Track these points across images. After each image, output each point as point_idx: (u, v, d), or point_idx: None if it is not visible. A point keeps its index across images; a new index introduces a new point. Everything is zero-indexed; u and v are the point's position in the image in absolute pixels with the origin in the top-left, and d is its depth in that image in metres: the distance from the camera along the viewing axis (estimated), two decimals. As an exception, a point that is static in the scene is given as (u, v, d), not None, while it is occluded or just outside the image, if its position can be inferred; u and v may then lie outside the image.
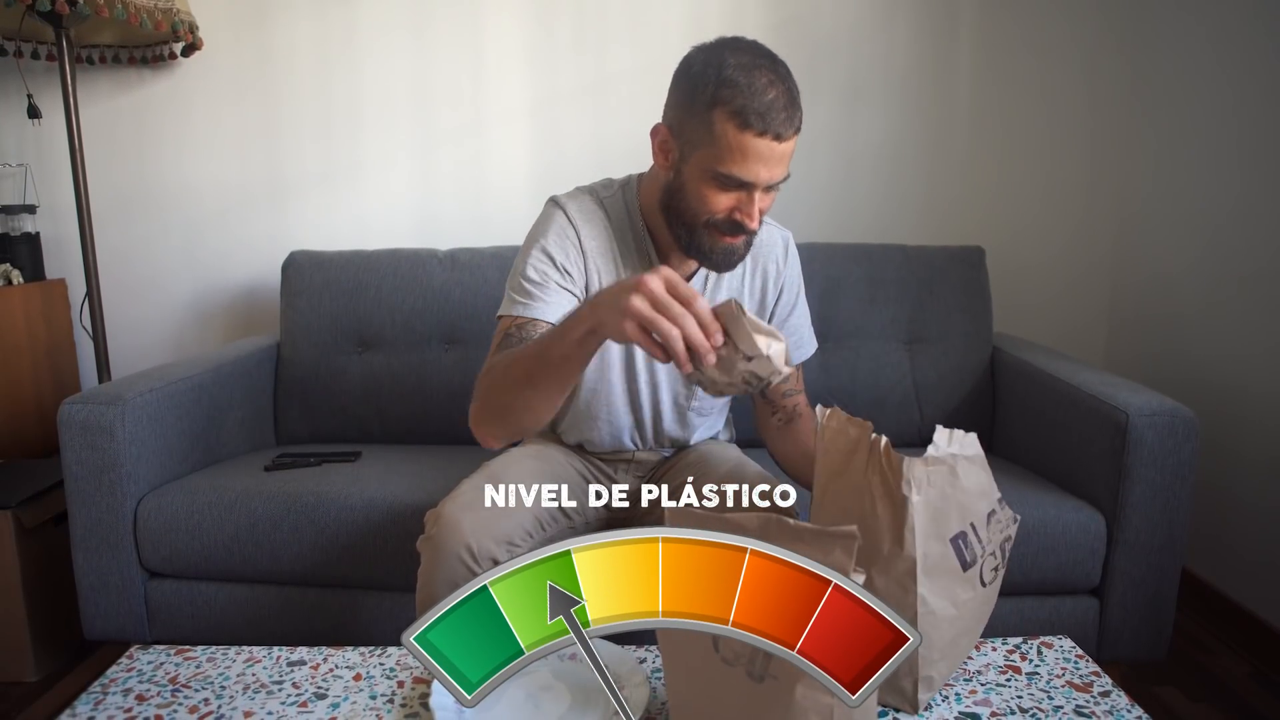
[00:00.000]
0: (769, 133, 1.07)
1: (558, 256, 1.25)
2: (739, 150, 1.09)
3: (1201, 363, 2.00)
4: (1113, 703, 0.93)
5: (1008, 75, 2.26)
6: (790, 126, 1.09)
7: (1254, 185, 1.85)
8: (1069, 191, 2.31)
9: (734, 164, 1.10)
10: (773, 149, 1.09)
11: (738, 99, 1.07)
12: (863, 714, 0.74)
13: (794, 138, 1.10)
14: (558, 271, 1.24)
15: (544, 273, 1.24)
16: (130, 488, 1.57)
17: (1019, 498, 1.54)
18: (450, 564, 1.15)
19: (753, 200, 1.13)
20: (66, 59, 1.94)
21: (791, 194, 2.29)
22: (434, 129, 2.28)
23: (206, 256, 2.34)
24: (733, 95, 1.07)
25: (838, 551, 0.73)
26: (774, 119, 1.07)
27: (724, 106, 1.08)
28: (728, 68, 1.08)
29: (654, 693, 0.93)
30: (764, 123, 1.07)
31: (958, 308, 2.00)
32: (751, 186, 1.12)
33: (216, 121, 2.27)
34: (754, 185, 1.12)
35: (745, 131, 1.07)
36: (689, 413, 1.40)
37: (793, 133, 1.09)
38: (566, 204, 1.29)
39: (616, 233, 1.29)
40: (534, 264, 1.24)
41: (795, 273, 1.42)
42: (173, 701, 0.94)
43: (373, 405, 2.02)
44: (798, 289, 1.42)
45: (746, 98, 1.07)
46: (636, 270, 1.28)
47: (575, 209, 1.29)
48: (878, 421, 2.08)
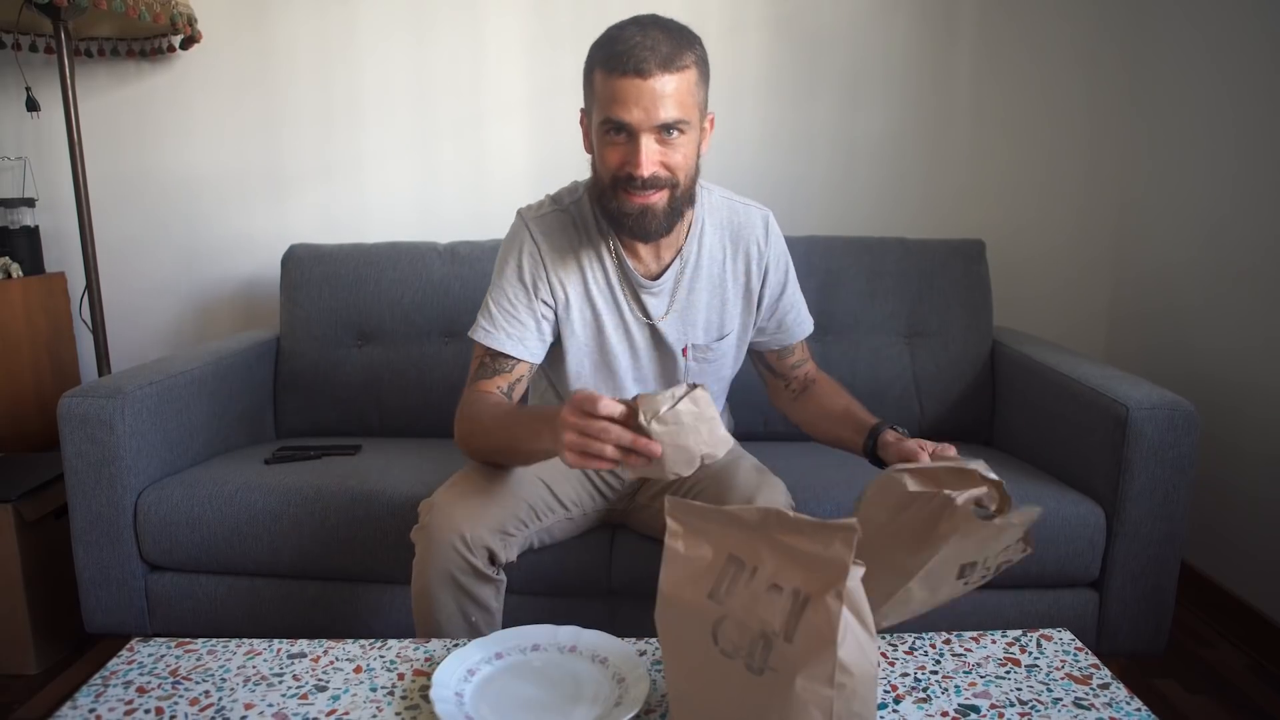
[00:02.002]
0: (630, 70, 1.10)
1: (525, 279, 1.29)
2: (610, 95, 1.13)
3: (1202, 357, 2.00)
4: (1112, 695, 0.93)
5: (1008, 68, 2.25)
6: (653, 63, 1.10)
7: (1254, 179, 1.84)
8: (1069, 184, 2.31)
9: (609, 108, 1.14)
10: (639, 86, 1.11)
11: (604, 50, 1.14)
12: (863, 704, 0.74)
13: (665, 76, 1.11)
14: (526, 294, 1.29)
15: (512, 299, 1.29)
16: (130, 481, 1.57)
17: (1019, 491, 1.54)
18: (444, 552, 1.16)
19: (638, 146, 1.14)
20: (65, 52, 1.94)
21: (791, 186, 2.30)
22: (434, 122, 2.28)
23: (206, 250, 2.33)
24: (601, 50, 1.15)
25: (837, 544, 0.73)
26: (635, 56, 1.10)
27: (598, 65, 1.15)
28: (603, 34, 1.16)
29: (654, 685, 0.93)
30: (625, 62, 1.11)
31: (958, 301, 2.00)
32: (632, 129, 1.14)
33: (216, 115, 2.27)
34: (633, 127, 1.13)
35: (612, 75, 1.12)
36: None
37: (658, 70, 1.10)
38: (530, 220, 1.32)
39: (581, 238, 1.31)
40: (504, 289, 1.30)
41: (780, 251, 1.40)
42: (173, 694, 0.94)
43: (373, 398, 2.02)
44: (785, 267, 1.41)
45: (612, 47, 1.13)
46: (602, 274, 1.31)
47: (538, 225, 1.31)
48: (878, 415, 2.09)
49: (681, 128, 1.15)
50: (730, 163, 2.28)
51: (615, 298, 1.32)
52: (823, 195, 2.31)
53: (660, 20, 1.15)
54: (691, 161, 1.21)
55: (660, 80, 1.11)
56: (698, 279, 1.33)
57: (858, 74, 2.26)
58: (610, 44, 1.14)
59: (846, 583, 0.72)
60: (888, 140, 2.29)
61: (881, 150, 2.29)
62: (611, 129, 1.16)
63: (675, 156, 1.17)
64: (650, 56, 1.10)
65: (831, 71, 2.25)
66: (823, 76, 2.25)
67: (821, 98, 2.26)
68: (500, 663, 0.99)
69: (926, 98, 2.27)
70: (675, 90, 1.12)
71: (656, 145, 1.15)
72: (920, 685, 0.95)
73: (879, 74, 2.26)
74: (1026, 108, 2.27)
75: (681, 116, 1.14)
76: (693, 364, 1.36)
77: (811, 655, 0.72)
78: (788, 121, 2.28)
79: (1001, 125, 2.28)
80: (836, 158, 2.29)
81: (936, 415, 1.97)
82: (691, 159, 1.21)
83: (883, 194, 2.31)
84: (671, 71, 1.11)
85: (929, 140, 2.29)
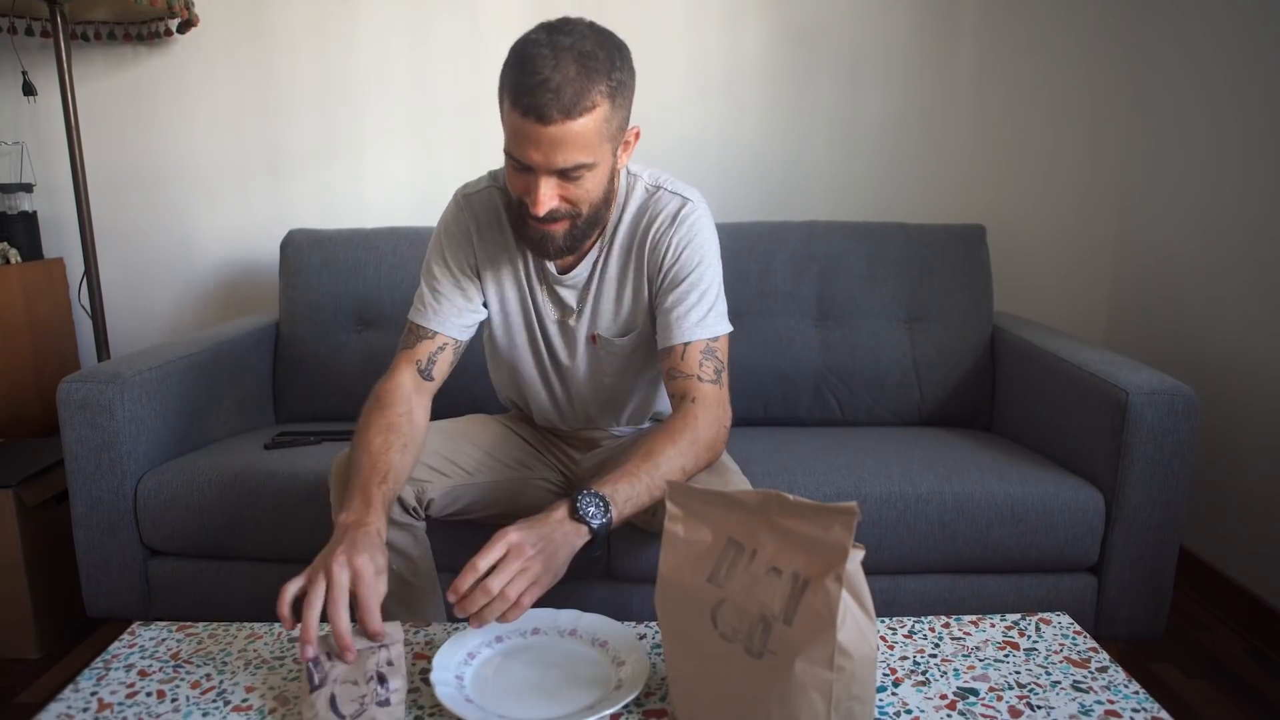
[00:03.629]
0: (531, 115, 1.03)
1: (450, 257, 1.29)
2: (512, 129, 1.08)
3: (1202, 344, 2.00)
4: (1110, 678, 0.93)
5: (1010, 53, 2.24)
6: (554, 109, 1.03)
7: (1257, 167, 1.84)
8: (1071, 170, 2.30)
9: (511, 143, 1.09)
10: (539, 132, 1.04)
11: (512, 75, 1.06)
12: (862, 686, 0.74)
13: (568, 122, 1.04)
14: (450, 272, 1.29)
15: (438, 275, 1.29)
16: (130, 466, 1.57)
17: (1018, 476, 1.55)
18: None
19: (537, 184, 1.09)
20: (61, 36, 1.92)
21: (792, 172, 2.29)
22: (433, 106, 2.27)
23: (205, 235, 2.33)
24: (510, 73, 1.07)
25: (837, 527, 0.73)
26: (537, 100, 1.03)
27: (506, 89, 1.08)
28: (516, 47, 1.08)
29: (654, 668, 0.93)
30: (527, 104, 1.03)
31: (958, 286, 2.00)
32: (531, 169, 1.09)
33: (214, 99, 2.26)
34: (533, 167, 1.08)
35: (514, 110, 1.06)
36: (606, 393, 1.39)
37: (560, 116, 1.03)
38: (464, 196, 1.31)
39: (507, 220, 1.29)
40: (431, 264, 1.31)
41: (685, 239, 1.25)
42: (175, 677, 0.94)
43: (372, 383, 2.00)
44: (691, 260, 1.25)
45: (519, 76, 1.05)
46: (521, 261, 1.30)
47: (471, 202, 1.30)
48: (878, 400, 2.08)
49: (583, 170, 1.10)
50: (730, 148, 2.28)
51: (531, 286, 1.32)
52: (823, 180, 2.30)
53: (578, 42, 1.06)
54: (599, 190, 1.15)
55: (560, 127, 1.04)
56: (606, 275, 1.29)
57: (858, 58, 2.25)
58: (519, 69, 1.05)
59: (846, 566, 0.73)
60: (888, 125, 2.28)
61: (882, 135, 2.28)
62: (513, 159, 1.11)
63: (577, 192, 1.12)
64: (553, 102, 1.02)
65: (832, 56, 2.24)
66: (823, 61, 2.24)
67: (822, 82, 2.25)
68: (500, 646, 0.99)
69: (927, 82, 2.26)
70: (579, 135, 1.06)
71: (556, 183, 1.10)
72: (919, 668, 0.95)
73: (880, 58, 2.25)
74: (1028, 93, 2.26)
75: (583, 160, 1.08)
76: (602, 353, 1.34)
77: (811, 638, 0.73)
78: (788, 106, 2.27)
79: (1003, 110, 2.27)
80: (837, 143, 2.28)
81: (936, 400, 1.97)
82: (598, 188, 1.15)
83: (883, 179, 2.30)
84: (575, 117, 1.04)
85: (930, 125, 2.28)
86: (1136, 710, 0.87)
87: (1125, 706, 0.88)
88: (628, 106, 1.15)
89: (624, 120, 1.15)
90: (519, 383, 1.42)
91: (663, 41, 2.23)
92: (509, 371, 1.41)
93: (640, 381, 1.40)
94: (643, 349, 1.34)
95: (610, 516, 1.04)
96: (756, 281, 1.98)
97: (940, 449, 1.69)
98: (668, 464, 1.12)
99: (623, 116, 1.14)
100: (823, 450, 1.67)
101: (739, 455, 1.42)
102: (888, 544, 1.51)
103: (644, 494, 1.08)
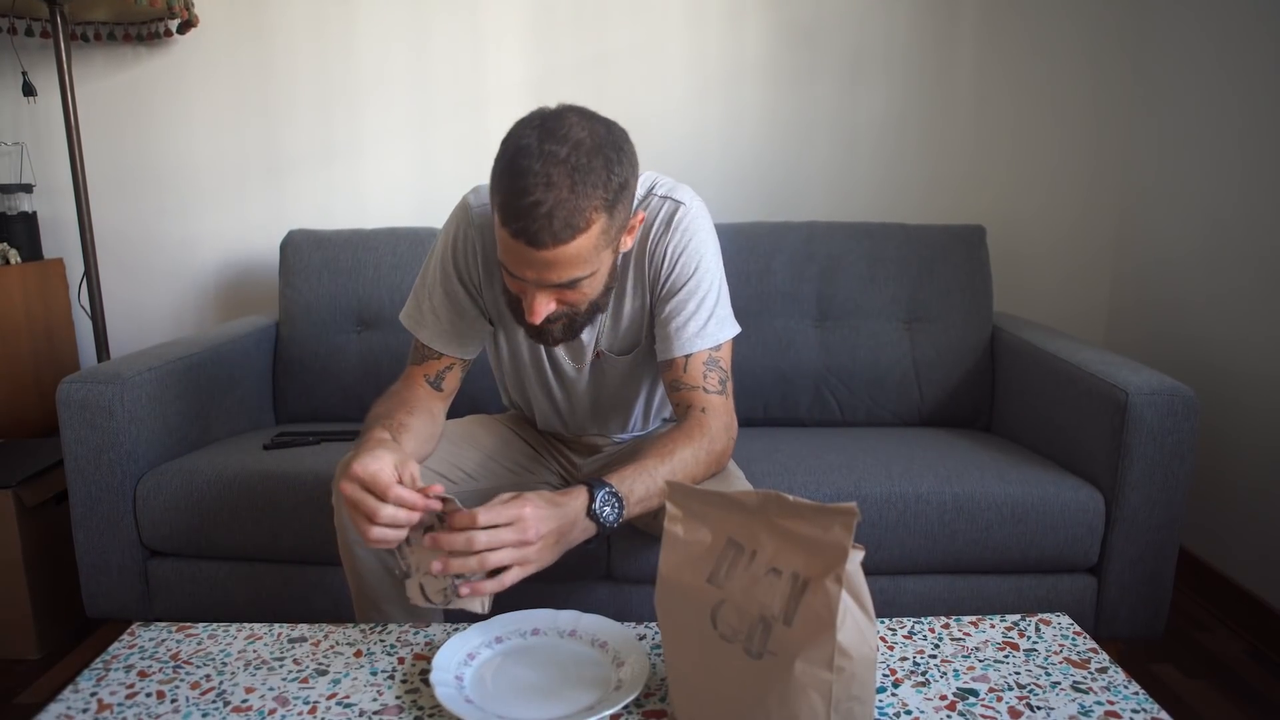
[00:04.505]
0: (521, 238, 0.99)
1: (455, 278, 1.26)
2: (503, 245, 1.04)
3: (1202, 345, 2.00)
4: (1110, 679, 0.93)
5: (1010, 53, 2.24)
6: (546, 235, 0.98)
7: (1258, 168, 1.83)
8: (1071, 171, 2.30)
9: (503, 256, 1.05)
10: (531, 255, 1.00)
11: (500, 186, 1.01)
12: (862, 687, 0.74)
13: (560, 247, 1.00)
14: (454, 295, 1.26)
15: (441, 296, 1.26)
16: (130, 466, 1.57)
17: (1018, 476, 1.54)
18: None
19: (532, 297, 1.06)
20: (61, 36, 1.92)
21: (792, 172, 2.29)
22: (432, 107, 2.27)
23: (204, 235, 2.33)
24: (499, 183, 1.02)
25: (837, 527, 0.73)
26: (528, 224, 0.98)
27: (495, 199, 1.03)
28: (506, 149, 1.01)
29: (653, 669, 0.93)
30: (516, 227, 0.99)
31: (958, 287, 2.00)
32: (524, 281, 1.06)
33: (214, 99, 2.26)
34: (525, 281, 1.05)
35: (504, 227, 1.01)
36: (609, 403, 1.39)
37: (552, 242, 0.99)
38: (474, 208, 1.25)
39: None
40: (435, 279, 1.27)
41: (681, 245, 1.21)
42: (174, 678, 0.94)
43: (372, 384, 2.01)
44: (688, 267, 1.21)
45: (507, 195, 0.99)
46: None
47: (480, 220, 1.25)
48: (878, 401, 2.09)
49: (581, 281, 1.06)
50: (729, 148, 2.28)
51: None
52: (823, 181, 2.30)
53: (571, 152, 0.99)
54: (598, 290, 1.12)
55: (553, 251, 1.00)
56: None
57: (859, 58, 2.25)
58: (509, 182, 0.99)
59: (846, 566, 0.72)
60: (889, 125, 2.28)
61: (882, 135, 2.28)
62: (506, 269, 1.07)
63: (575, 296, 1.09)
64: (544, 229, 0.97)
65: (832, 56, 2.24)
66: (823, 61, 2.24)
67: (822, 82, 2.25)
68: (500, 646, 0.99)
69: (928, 83, 2.26)
70: (574, 255, 1.01)
71: (553, 293, 1.07)
72: (919, 669, 0.95)
73: (880, 59, 2.25)
74: (1029, 93, 2.26)
75: (580, 275, 1.05)
76: (606, 366, 1.33)
77: (811, 639, 0.73)
78: (788, 106, 2.27)
79: (1003, 111, 2.27)
80: (837, 143, 2.28)
81: (936, 401, 1.97)
82: (598, 289, 1.11)
83: (883, 179, 2.30)
84: (568, 241, 0.99)
85: (930, 125, 2.28)
86: (1136, 711, 0.87)
87: (1125, 707, 0.88)
88: (629, 203, 1.10)
89: (625, 220, 1.09)
90: (523, 391, 1.42)
91: (662, 41, 2.23)
92: (513, 378, 1.41)
93: (643, 391, 1.39)
94: (646, 360, 1.33)
95: (621, 517, 1.04)
96: (756, 282, 1.98)
97: (940, 449, 1.69)
98: (683, 468, 1.11)
99: (623, 218, 1.09)
100: (822, 451, 1.66)
101: (738, 456, 1.42)
102: (887, 544, 1.51)
103: (656, 497, 1.08)
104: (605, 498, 1.03)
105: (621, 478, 1.06)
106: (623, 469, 1.07)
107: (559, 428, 1.45)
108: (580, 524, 1.01)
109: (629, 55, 2.22)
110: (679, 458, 1.11)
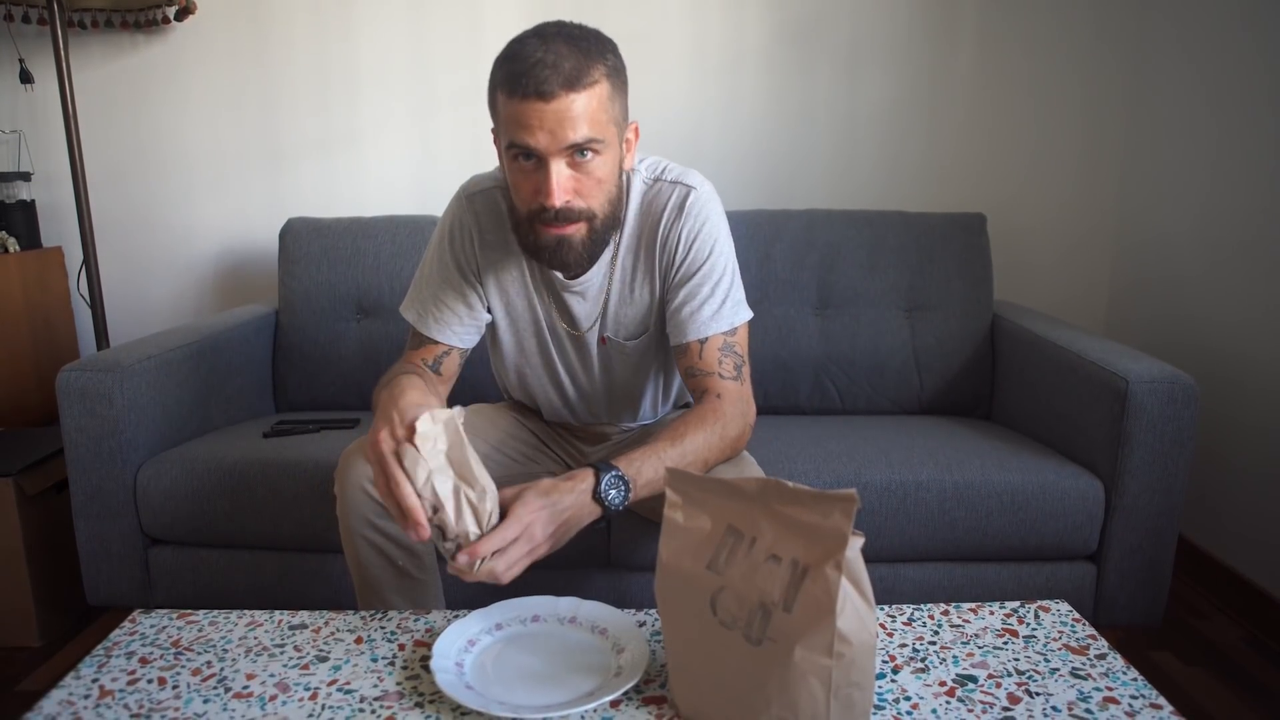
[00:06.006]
0: (532, 92, 1.02)
1: (453, 261, 1.26)
2: (513, 118, 1.05)
3: (1202, 330, 2.00)
4: (1108, 666, 0.93)
5: (1008, 41, 2.23)
6: (555, 82, 1.02)
7: (1253, 150, 1.83)
8: (1069, 158, 2.30)
9: (514, 132, 1.06)
10: (542, 110, 1.03)
11: (504, 69, 1.05)
12: (861, 673, 0.75)
13: (570, 95, 1.03)
14: (452, 278, 1.26)
15: (440, 281, 1.26)
16: (130, 455, 1.57)
17: (1018, 464, 1.55)
18: (355, 496, 1.17)
19: (548, 173, 1.07)
20: (58, 23, 1.92)
21: (791, 160, 2.29)
22: (432, 94, 2.26)
23: (203, 223, 2.32)
24: (501, 69, 1.06)
25: (836, 514, 0.73)
26: (535, 76, 1.02)
27: (499, 85, 1.06)
28: (502, 52, 1.07)
29: (653, 655, 0.93)
30: (526, 83, 1.02)
31: (958, 274, 2.00)
32: (540, 154, 1.06)
33: (211, 87, 2.25)
34: (540, 152, 1.06)
35: (513, 97, 1.04)
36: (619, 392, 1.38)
37: (562, 89, 1.02)
38: (471, 195, 1.27)
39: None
40: (434, 267, 1.27)
41: (694, 230, 1.22)
42: (175, 664, 0.94)
43: (371, 372, 2.01)
44: (701, 251, 1.22)
45: (511, 65, 1.04)
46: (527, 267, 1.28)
47: (479, 203, 1.26)
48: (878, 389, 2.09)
49: (594, 147, 1.07)
50: (730, 136, 2.27)
51: (538, 291, 1.29)
52: (823, 168, 2.29)
53: (565, 29, 1.07)
54: (611, 184, 1.13)
55: (565, 100, 1.03)
56: (615, 277, 1.27)
57: (858, 46, 2.24)
58: (510, 61, 1.05)
59: (845, 553, 0.73)
60: (888, 113, 2.27)
61: (882, 123, 2.27)
62: (519, 154, 1.08)
63: (589, 181, 1.09)
64: (552, 76, 1.02)
65: (832, 44, 2.23)
66: (823, 49, 2.23)
67: (822, 70, 2.24)
68: (500, 633, 0.99)
69: (927, 71, 2.25)
70: (584, 109, 1.04)
71: (568, 170, 1.08)
72: (918, 655, 0.95)
73: (880, 47, 2.24)
74: (1027, 81, 2.25)
75: (593, 135, 1.06)
76: (613, 353, 1.32)
77: (810, 625, 0.73)
78: (788, 94, 2.26)
79: (1003, 98, 2.26)
80: (837, 131, 2.28)
81: (936, 389, 1.97)
82: (610, 181, 1.12)
83: (883, 167, 2.30)
84: (578, 90, 1.03)
85: (930, 113, 2.27)
86: (1134, 697, 0.87)
87: (1123, 694, 0.88)
88: (625, 96, 1.13)
89: (624, 110, 1.13)
90: (527, 384, 1.40)
91: (663, 29, 2.22)
92: (516, 373, 1.39)
93: (652, 379, 1.38)
94: (654, 348, 1.33)
95: (627, 500, 1.04)
96: (756, 269, 1.98)
97: (940, 437, 1.69)
98: (694, 452, 1.11)
99: (622, 105, 1.12)
100: (822, 438, 1.67)
101: (739, 443, 1.42)
102: (887, 532, 1.51)
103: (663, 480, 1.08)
104: (611, 480, 1.03)
105: (629, 460, 1.06)
106: (631, 452, 1.08)
107: (567, 418, 1.44)
108: (586, 507, 1.01)
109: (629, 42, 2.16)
110: (690, 441, 1.11)
